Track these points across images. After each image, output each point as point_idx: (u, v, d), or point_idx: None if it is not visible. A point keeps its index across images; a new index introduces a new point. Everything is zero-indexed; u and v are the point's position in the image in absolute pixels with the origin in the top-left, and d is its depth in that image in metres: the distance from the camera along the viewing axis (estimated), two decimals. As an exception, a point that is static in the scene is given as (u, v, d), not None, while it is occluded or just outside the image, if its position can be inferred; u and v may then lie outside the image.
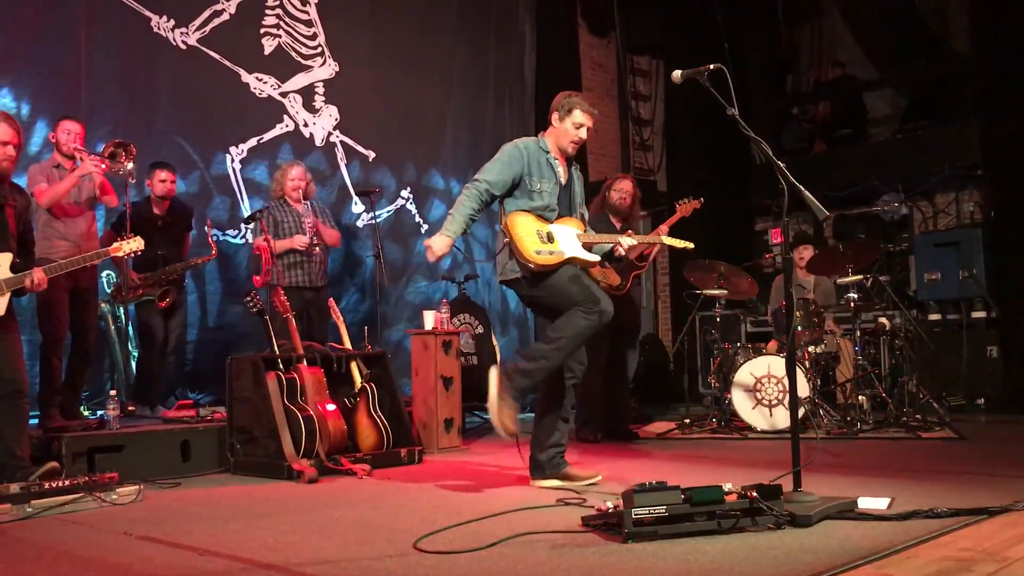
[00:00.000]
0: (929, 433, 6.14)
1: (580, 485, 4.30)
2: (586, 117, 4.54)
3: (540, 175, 4.48)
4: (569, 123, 4.52)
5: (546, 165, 4.52)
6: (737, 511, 3.11)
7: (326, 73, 8.10)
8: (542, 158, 4.52)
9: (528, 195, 4.45)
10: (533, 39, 10.02)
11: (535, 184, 4.46)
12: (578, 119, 4.52)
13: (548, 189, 4.49)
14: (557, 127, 4.57)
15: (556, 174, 4.55)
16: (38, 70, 6.38)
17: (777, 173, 3.51)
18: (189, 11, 7.23)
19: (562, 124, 4.55)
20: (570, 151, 4.59)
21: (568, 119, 4.52)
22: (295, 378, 5.41)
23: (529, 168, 4.46)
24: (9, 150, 4.38)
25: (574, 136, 4.53)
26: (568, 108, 4.53)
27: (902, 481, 4.16)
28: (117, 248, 4.62)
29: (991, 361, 8.11)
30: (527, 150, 4.50)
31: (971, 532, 3.05)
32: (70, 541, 3.46)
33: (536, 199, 4.45)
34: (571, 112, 4.52)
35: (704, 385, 8.62)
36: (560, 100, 4.60)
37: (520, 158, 4.46)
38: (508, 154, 4.48)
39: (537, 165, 4.49)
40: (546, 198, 4.47)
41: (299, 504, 4.18)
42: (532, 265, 4.30)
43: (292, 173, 6.61)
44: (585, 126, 4.54)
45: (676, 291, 10.16)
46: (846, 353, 6.93)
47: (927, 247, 8.76)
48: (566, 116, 4.53)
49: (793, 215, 8.96)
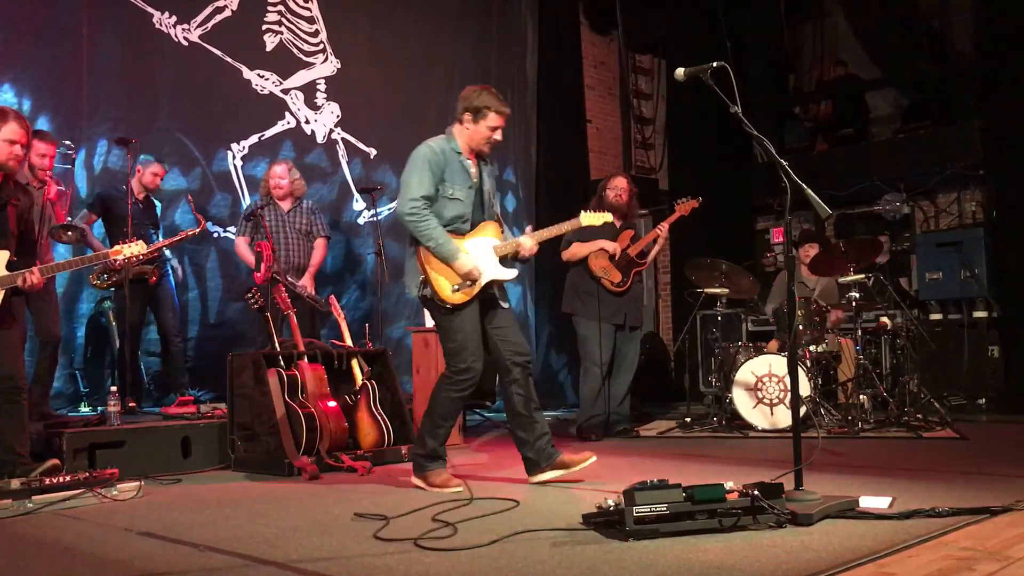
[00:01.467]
0: (930, 433, 6.13)
1: (578, 469, 4.35)
2: (500, 119, 4.37)
3: (453, 180, 4.34)
4: (484, 126, 4.36)
5: (460, 169, 4.37)
6: (738, 509, 3.11)
7: (328, 70, 8.09)
8: (455, 161, 4.37)
9: (441, 204, 4.33)
10: (535, 37, 10.01)
11: (449, 190, 4.32)
12: (493, 122, 4.36)
13: (462, 195, 4.36)
14: (470, 128, 4.38)
15: (470, 176, 4.40)
16: (40, 66, 6.37)
17: (780, 172, 3.51)
18: (191, 7, 7.23)
19: (476, 126, 4.36)
20: (485, 151, 4.46)
21: (483, 122, 4.35)
22: (296, 375, 5.42)
23: (443, 173, 4.31)
24: (17, 149, 4.38)
25: (488, 138, 4.39)
26: (483, 111, 4.34)
27: (903, 480, 4.16)
28: (118, 251, 4.61)
29: (992, 361, 8.10)
30: (443, 153, 4.34)
31: (972, 531, 3.05)
32: (71, 537, 3.46)
33: (449, 209, 4.33)
34: (486, 116, 4.34)
35: (705, 384, 8.61)
36: (472, 99, 4.38)
37: (438, 162, 4.31)
38: (426, 158, 4.31)
39: (451, 170, 4.34)
40: (459, 207, 4.36)
41: (300, 501, 4.18)
42: (449, 305, 4.30)
43: (275, 171, 6.63)
44: (500, 127, 4.39)
45: (677, 289, 10.15)
46: (847, 352, 6.92)
47: (929, 247, 8.76)
48: (480, 119, 4.35)
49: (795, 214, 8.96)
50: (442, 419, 4.39)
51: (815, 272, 7.23)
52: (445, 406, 4.38)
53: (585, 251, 6.51)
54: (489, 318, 4.46)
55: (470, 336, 4.33)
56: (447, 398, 4.37)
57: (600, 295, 6.46)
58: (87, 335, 6.49)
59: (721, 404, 6.82)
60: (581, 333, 6.59)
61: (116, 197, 6.24)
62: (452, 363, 4.35)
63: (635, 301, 6.65)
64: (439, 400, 4.39)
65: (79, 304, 6.46)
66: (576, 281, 6.63)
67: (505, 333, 4.47)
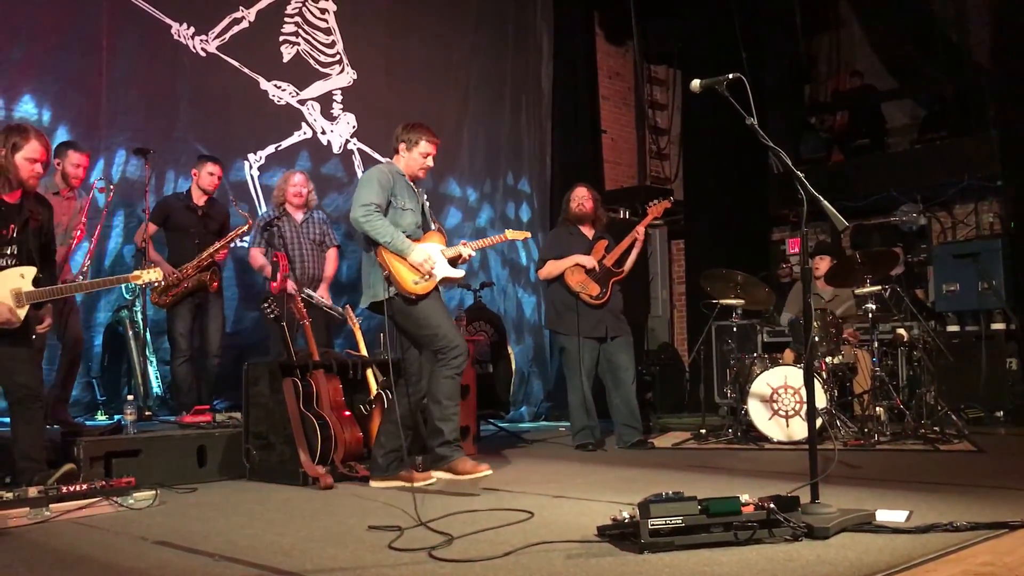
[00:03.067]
0: (947, 445, 6.08)
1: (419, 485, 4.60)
2: (431, 146, 4.93)
3: (403, 195, 4.87)
4: (416, 152, 4.92)
5: (407, 188, 4.92)
6: (754, 522, 3.09)
7: (344, 81, 8.13)
8: (401, 181, 4.90)
9: (396, 215, 4.80)
10: (550, 48, 10.03)
11: (400, 203, 4.83)
12: (424, 148, 4.92)
13: (413, 207, 4.90)
14: (405, 156, 4.93)
15: (415, 193, 4.97)
16: (59, 77, 6.43)
17: (796, 183, 3.50)
18: (209, 19, 7.28)
19: (410, 154, 4.92)
20: (420, 176, 5.02)
21: (415, 149, 4.91)
22: (311, 384, 5.43)
23: (394, 189, 4.82)
24: (37, 168, 4.43)
25: (422, 164, 4.95)
26: (415, 140, 4.90)
27: (920, 494, 4.13)
28: (137, 276, 4.66)
29: (1010, 373, 8.04)
30: (392, 174, 4.86)
31: (991, 547, 3.02)
32: (87, 545, 3.47)
33: (404, 218, 4.82)
34: (418, 143, 4.90)
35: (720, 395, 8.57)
36: (406, 134, 4.93)
37: (387, 180, 4.81)
38: (377, 178, 4.79)
39: (399, 186, 4.86)
40: (411, 216, 4.87)
41: (315, 511, 4.18)
42: (413, 296, 4.70)
43: (294, 179, 6.63)
44: (431, 154, 4.95)
45: (692, 300, 10.13)
46: (863, 364, 6.89)
47: (946, 258, 8.71)
48: (413, 147, 4.91)
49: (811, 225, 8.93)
50: (449, 400, 4.67)
51: (830, 283, 7.20)
52: (446, 387, 4.67)
53: (560, 268, 6.52)
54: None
55: (442, 317, 4.78)
56: (444, 378, 4.67)
57: (579, 309, 6.46)
58: (104, 344, 6.53)
59: (736, 415, 6.79)
60: (563, 348, 6.64)
61: (176, 205, 6.29)
62: (436, 346, 4.70)
63: (615, 311, 6.63)
64: (439, 384, 4.68)
65: (96, 313, 6.50)
66: (554, 298, 6.65)
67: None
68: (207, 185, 6.36)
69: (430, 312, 4.75)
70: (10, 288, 4.31)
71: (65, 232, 5.59)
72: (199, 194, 6.36)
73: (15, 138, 4.37)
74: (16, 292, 4.32)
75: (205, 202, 6.38)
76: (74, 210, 5.69)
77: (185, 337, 6.22)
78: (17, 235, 4.40)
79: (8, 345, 4.34)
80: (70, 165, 5.60)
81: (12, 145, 4.36)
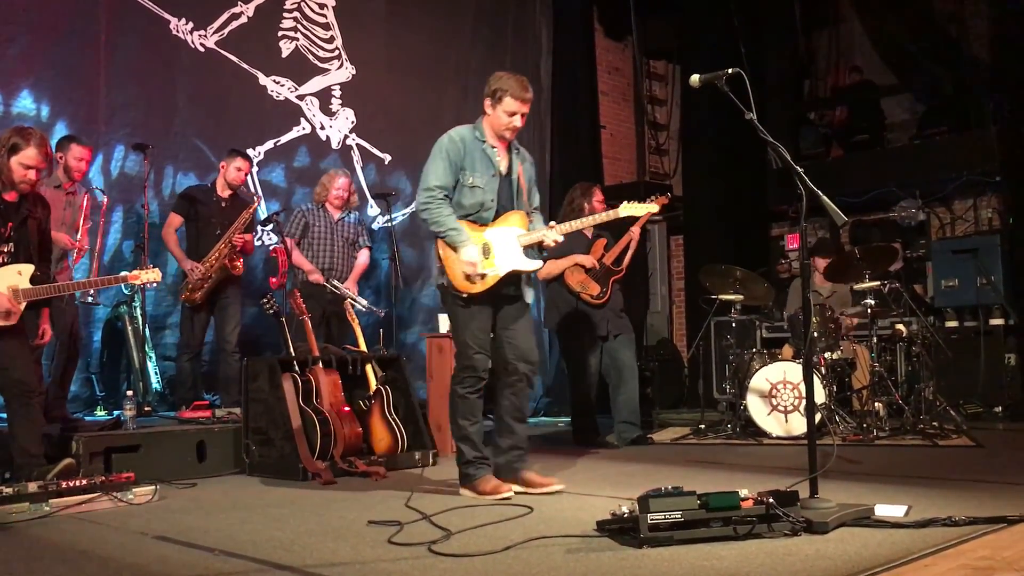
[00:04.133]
0: (946, 441, 6.09)
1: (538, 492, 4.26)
2: (518, 104, 4.25)
3: (473, 168, 4.25)
4: (501, 111, 4.25)
5: (482, 157, 4.29)
6: (753, 517, 3.10)
7: (343, 76, 8.12)
8: (477, 149, 4.29)
9: (461, 193, 4.26)
10: (549, 43, 10.01)
11: (468, 179, 4.24)
12: (510, 107, 4.24)
13: (483, 183, 4.26)
14: (490, 114, 4.31)
15: (494, 164, 4.31)
16: (58, 73, 6.42)
17: (795, 178, 3.50)
18: (207, 14, 7.26)
19: (494, 111, 4.28)
20: (508, 137, 4.34)
21: (499, 107, 4.26)
22: (311, 380, 5.43)
23: (463, 162, 4.25)
24: (31, 175, 4.41)
25: (508, 124, 4.27)
26: (499, 95, 4.25)
27: (919, 489, 4.14)
28: (136, 276, 4.66)
29: (1009, 369, 8.05)
30: (463, 142, 4.28)
31: (989, 541, 3.03)
32: (87, 541, 3.48)
33: (467, 197, 4.25)
34: (502, 100, 4.24)
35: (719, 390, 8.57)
36: (492, 84, 4.31)
37: (458, 151, 4.25)
38: (445, 149, 4.27)
39: (471, 158, 4.26)
40: (479, 194, 4.25)
41: (314, 506, 4.19)
42: (464, 295, 4.25)
43: (339, 182, 6.72)
44: (519, 113, 4.27)
45: (692, 296, 10.13)
46: (862, 359, 6.89)
47: (945, 254, 8.71)
48: (497, 104, 4.26)
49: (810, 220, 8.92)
50: (463, 419, 4.33)
51: (829, 279, 7.20)
52: (457, 405, 4.35)
53: (560, 268, 6.45)
54: (503, 317, 4.40)
55: (476, 332, 4.30)
56: (455, 396, 4.36)
57: (580, 309, 6.45)
58: (103, 339, 6.53)
59: (735, 411, 6.80)
60: (564, 346, 6.63)
61: (201, 198, 6.31)
62: (456, 358, 4.38)
63: (616, 310, 6.60)
64: (452, 400, 4.39)
65: (95, 308, 6.49)
66: (555, 297, 6.62)
67: (514, 336, 4.39)
68: (233, 179, 6.39)
69: (467, 322, 4.29)
70: (7, 285, 4.33)
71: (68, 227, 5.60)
72: (224, 187, 6.38)
73: (16, 139, 4.38)
74: (13, 289, 4.33)
75: (229, 196, 6.40)
76: (75, 205, 5.68)
77: (196, 333, 6.22)
78: (14, 233, 4.41)
79: (5, 341, 4.34)
80: (72, 159, 5.63)
81: (12, 146, 4.36)
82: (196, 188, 6.51)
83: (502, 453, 4.40)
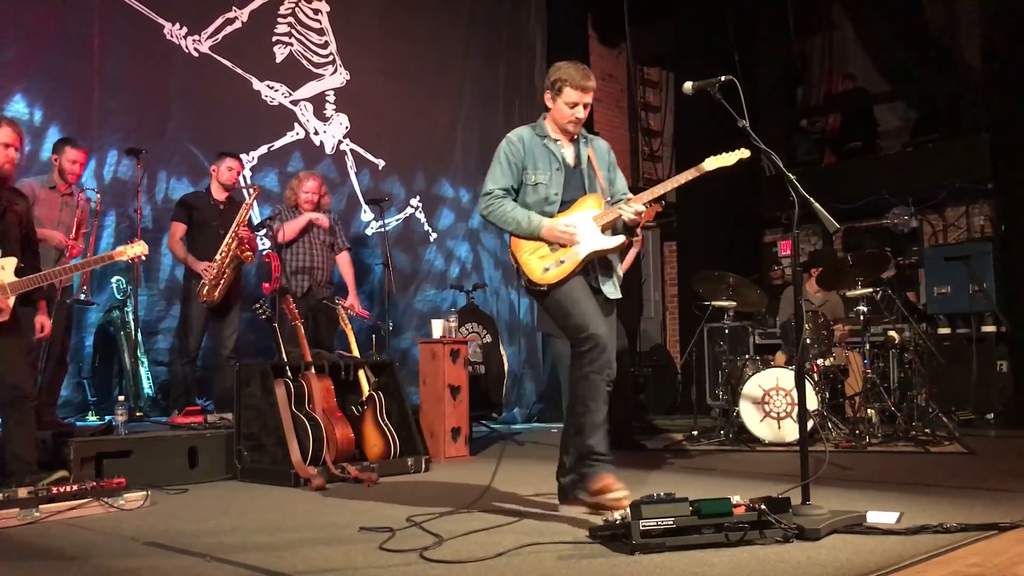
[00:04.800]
0: (938, 447, 6.11)
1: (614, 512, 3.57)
2: (579, 94, 3.99)
3: (536, 166, 4.03)
4: (561, 103, 4.02)
5: (543, 152, 4.06)
6: (745, 524, 3.10)
7: (337, 81, 8.13)
8: (538, 145, 4.07)
9: (526, 193, 4.03)
10: (543, 49, 10.03)
11: (531, 177, 4.02)
12: (571, 97, 4.00)
13: (545, 179, 4.02)
14: (552, 107, 4.08)
15: (558, 158, 4.07)
16: (51, 77, 6.41)
17: (788, 185, 3.51)
18: (202, 19, 7.26)
19: (555, 104, 4.06)
20: (572, 131, 4.09)
21: (559, 99, 4.02)
22: (303, 385, 5.42)
23: (524, 162, 4.03)
24: (11, 152, 4.39)
25: (570, 116, 4.03)
26: (558, 87, 4.02)
27: (911, 495, 4.14)
28: (121, 252, 4.60)
29: (1001, 375, 8.07)
30: (521, 141, 4.07)
31: (981, 548, 3.04)
32: (77, 546, 3.46)
33: (532, 194, 4.01)
34: (562, 91, 4.00)
35: (712, 397, 8.60)
36: (551, 76, 4.08)
37: (516, 152, 4.04)
38: (504, 153, 4.06)
39: (532, 156, 4.05)
40: (542, 190, 4.01)
41: (306, 512, 4.18)
42: (544, 286, 3.89)
43: (308, 185, 6.62)
44: (580, 104, 4.01)
45: (685, 302, 10.14)
46: (855, 366, 6.90)
47: (937, 260, 8.74)
48: (557, 96, 4.03)
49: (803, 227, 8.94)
50: (581, 405, 3.81)
51: (821, 286, 7.22)
52: (580, 387, 3.81)
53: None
54: None
55: (581, 303, 3.86)
56: (579, 378, 3.82)
57: None
58: (95, 344, 6.51)
59: (728, 417, 6.80)
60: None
61: (198, 204, 6.29)
62: (572, 339, 3.88)
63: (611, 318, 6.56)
64: (573, 383, 3.87)
65: (87, 313, 6.47)
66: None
67: None
68: (227, 180, 6.36)
69: (565, 299, 3.87)
70: None
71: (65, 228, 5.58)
72: (219, 190, 6.37)
73: None
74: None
75: (226, 198, 6.40)
76: (72, 206, 5.65)
77: (193, 338, 6.20)
78: None
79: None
80: (66, 161, 5.61)
81: None
82: (192, 195, 6.49)
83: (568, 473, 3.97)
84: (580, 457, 3.80)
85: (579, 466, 3.81)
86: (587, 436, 3.79)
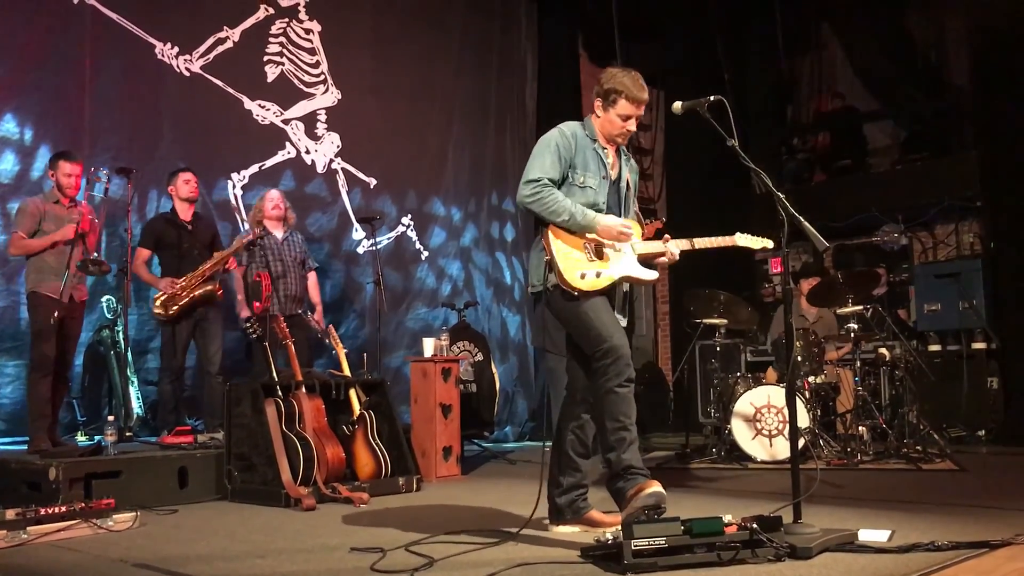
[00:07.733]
0: (930, 464, 6.11)
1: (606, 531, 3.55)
2: (634, 107, 3.83)
3: (586, 168, 3.85)
4: (614, 114, 3.86)
5: (594, 156, 3.89)
6: (737, 543, 3.10)
7: (328, 101, 8.15)
8: (589, 147, 3.89)
9: (571, 192, 3.83)
10: (535, 68, 10.09)
11: (580, 177, 3.83)
12: (625, 110, 3.84)
13: (595, 184, 3.86)
14: (601, 116, 3.91)
15: (605, 166, 3.92)
16: (42, 96, 6.42)
17: (777, 204, 3.53)
18: (193, 38, 7.28)
19: (606, 114, 3.88)
20: (620, 143, 3.98)
21: (612, 110, 3.85)
22: (294, 405, 5.40)
23: (575, 159, 3.84)
24: None
25: (622, 129, 3.89)
26: (612, 98, 3.84)
27: (903, 513, 4.15)
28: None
29: (991, 392, 8.08)
30: (574, 138, 3.87)
31: (972, 565, 3.03)
32: (66, 568, 3.43)
33: (580, 196, 3.82)
34: (616, 103, 3.83)
35: (704, 414, 8.59)
36: (604, 83, 3.87)
37: (568, 147, 3.83)
38: (556, 142, 3.83)
39: (583, 156, 3.87)
40: (591, 195, 3.84)
41: (296, 532, 4.15)
42: (575, 292, 3.75)
43: (270, 195, 6.67)
44: (634, 117, 3.86)
45: (676, 320, 10.15)
46: (846, 383, 6.91)
47: (927, 278, 8.77)
48: (610, 107, 3.85)
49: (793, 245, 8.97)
50: (613, 420, 3.68)
51: (812, 304, 7.23)
52: (609, 402, 3.69)
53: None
54: None
55: (602, 316, 3.75)
56: (606, 393, 3.69)
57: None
58: (85, 363, 6.48)
59: (720, 435, 6.80)
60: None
61: (163, 227, 6.30)
62: (598, 349, 3.72)
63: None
64: (599, 400, 3.76)
65: (77, 332, 6.44)
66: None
67: None
68: (187, 194, 6.37)
69: (589, 310, 3.74)
70: None
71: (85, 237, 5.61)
72: (183, 207, 6.37)
73: None
74: None
75: (192, 216, 6.38)
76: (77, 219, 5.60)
77: (177, 356, 6.18)
78: None
79: None
80: (62, 175, 5.67)
81: None
82: (156, 218, 6.49)
83: (562, 492, 3.97)
84: (616, 473, 3.68)
85: (616, 480, 3.69)
86: (622, 451, 3.68)
